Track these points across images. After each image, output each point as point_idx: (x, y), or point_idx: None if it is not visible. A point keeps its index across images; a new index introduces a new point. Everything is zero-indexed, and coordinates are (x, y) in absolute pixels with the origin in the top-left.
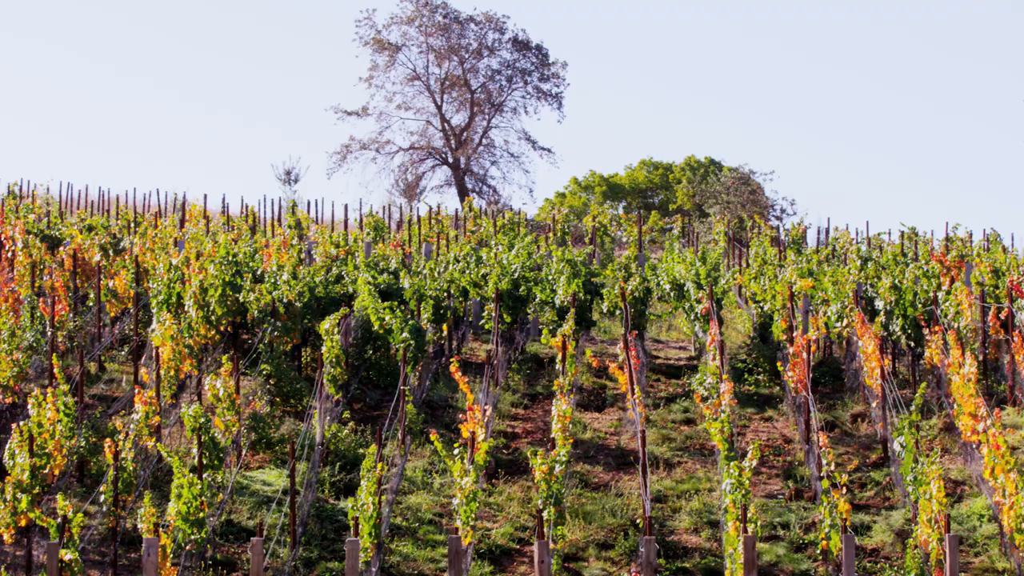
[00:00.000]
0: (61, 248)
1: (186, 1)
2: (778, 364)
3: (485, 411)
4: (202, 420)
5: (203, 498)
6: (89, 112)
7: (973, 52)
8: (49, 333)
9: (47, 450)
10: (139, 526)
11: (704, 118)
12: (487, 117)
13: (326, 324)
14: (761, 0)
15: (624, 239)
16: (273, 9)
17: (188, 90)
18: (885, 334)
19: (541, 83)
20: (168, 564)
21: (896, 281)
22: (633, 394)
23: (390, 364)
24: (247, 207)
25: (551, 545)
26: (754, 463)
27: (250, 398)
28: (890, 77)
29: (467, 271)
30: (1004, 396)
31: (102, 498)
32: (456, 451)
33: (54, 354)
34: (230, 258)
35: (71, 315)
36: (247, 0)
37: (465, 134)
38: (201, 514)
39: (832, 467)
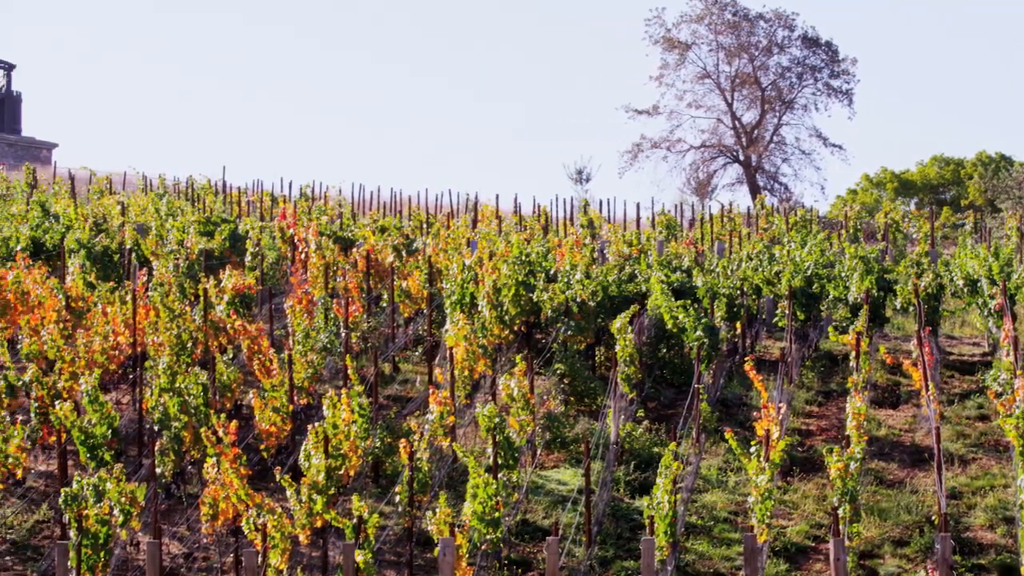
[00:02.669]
0: (354, 249)
1: (480, 3)
2: None
3: (779, 409)
4: (497, 420)
5: (498, 498)
6: (382, 114)
7: None
8: (343, 334)
9: (342, 451)
10: (433, 527)
11: (995, 113)
12: (778, 114)
13: (618, 323)
14: None
15: (916, 235)
16: (564, 9)
17: (480, 91)
18: None
19: (831, 80)
20: (464, 564)
21: None
22: (927, 391)
23: (684, 362)
24: (539, 206)
25: (846, 542)
26: None
27: (544, 397)
28: None
29: (760, 269)
30: None
31: (397, 498)
32: (751, 449)
33: (348, 355)
34: (523, 258)
35: (365, 316)
36: (539, 1)
37: (756, 132)
38: (496, 514)
39: None
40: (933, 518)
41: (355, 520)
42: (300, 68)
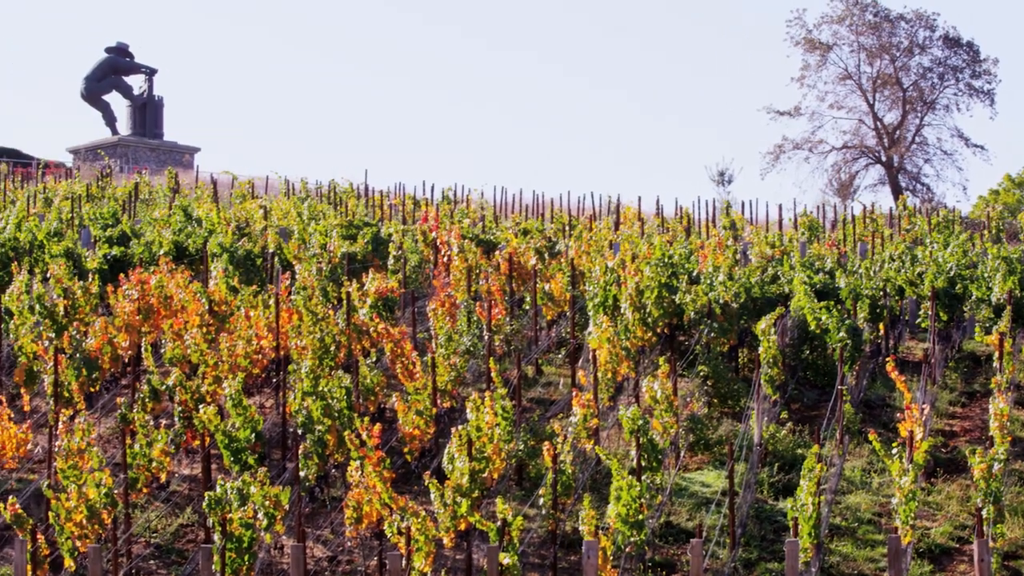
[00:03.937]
0: (496, 252)
1: (622, 5)
2: None
3: (923, 410)
4: (640, 422)
5: (642, 500)
6: (525, 116)
7: None
8: (486, 337)
9: (486, 454)
10: (579, 528)
11: None
12: (919, 115)
13: (762, 324)
14: None
15: None
16: (706, 11)
17: (623, 92)
18: None
19: (972, 80)
20: (608, 566)
21: None
22: None
23: (827, 364)
24: (681, 208)
25: (990, 543)
26: None
27: (687, 399)
28: None
29: (902, 270)
30: None
31: (541, 501)
32: (894, 450)
33: (491, 358)
34: (665, 260)
35: (507, 319)
36: (680, 2)
37: (898, 132)
38: (640, 516)
39: None
40: None
41: (499, 523)
42: (441, 72)
